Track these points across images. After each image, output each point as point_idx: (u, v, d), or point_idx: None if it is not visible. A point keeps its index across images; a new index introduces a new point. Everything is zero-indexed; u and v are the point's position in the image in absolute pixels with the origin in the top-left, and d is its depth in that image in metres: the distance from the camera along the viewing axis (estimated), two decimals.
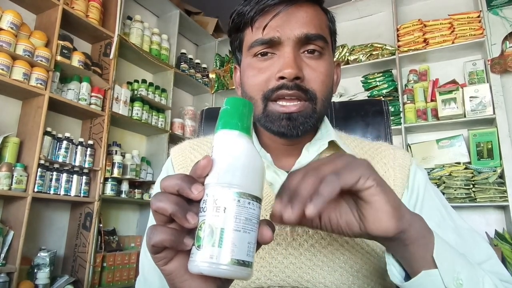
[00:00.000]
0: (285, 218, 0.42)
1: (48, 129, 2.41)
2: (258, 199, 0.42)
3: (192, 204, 0.42)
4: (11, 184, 2.13)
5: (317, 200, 0.42)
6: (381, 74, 3.18)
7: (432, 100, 2.93)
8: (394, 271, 0.54)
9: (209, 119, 1.17)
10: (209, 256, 0.39)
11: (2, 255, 2.06)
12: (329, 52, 0.74)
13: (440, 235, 0.67)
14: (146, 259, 0.77)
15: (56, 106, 2.50)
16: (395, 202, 0.46)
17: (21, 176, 2.17)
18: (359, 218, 0.47)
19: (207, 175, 0.42)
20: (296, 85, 0.68)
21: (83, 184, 2.57)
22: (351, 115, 1.08)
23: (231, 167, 0.41)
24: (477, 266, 0.53)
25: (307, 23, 0.70)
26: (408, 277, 0.53)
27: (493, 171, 2.56)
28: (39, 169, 2.27)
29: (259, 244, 0.42)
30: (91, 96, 2.66)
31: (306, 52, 0.71)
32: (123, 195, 2.92)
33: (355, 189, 0.44)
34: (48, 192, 2.36)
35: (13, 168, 2.17)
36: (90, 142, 2.68)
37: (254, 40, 0.71)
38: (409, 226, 0.47)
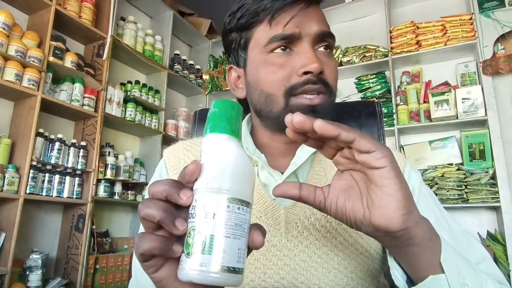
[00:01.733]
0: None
1: (41, 130, 2.39)
2: (248, 204, 0.41)
3: (181, 210, 0.41)
4: (3, 186, 2.11)
5: (323, 121, 0.42)
6: (374, 75, 3.19)
7: (424, 102, 2.94)
8: (397, 275, 0.53)
9: (202, 120, 1.16)
10: (199, 263, 0.38)
11: None
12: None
13: None
14: (138, 262, 0.77)
15: (49, 107, 2.48)
16: (407, 193, 0.44)
17: (13, 177, 2.15)
18: (366, 204, 0.45)
19: (196, 180, 0.41)
20: (320, 79, 0.69)
21: (76, 186, 2.55)
22: (344, 117, 1.08)
23: (220, 172, 0.41)
24: (479, 269, 0.53)
25: (322, 21, 0.73)
26: (409, 280, 0.52)
27: (485, 172, 2.58)
28: (31, 171, 2.25)
29: (249, 249, 0.42)
30: (84, 97, 2.65)
31: (320, 49, 0.73)
32: (116, 197, 2.91)
33: (368, 162, 0.43)
34: (40, 193, 2.34)
35: (5, 169, 2.15)
36: (83, 143, 2.67)
37: (273, 35, 0.70)
38: (415, 224, 0.45)
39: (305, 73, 0.68)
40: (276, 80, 0.71)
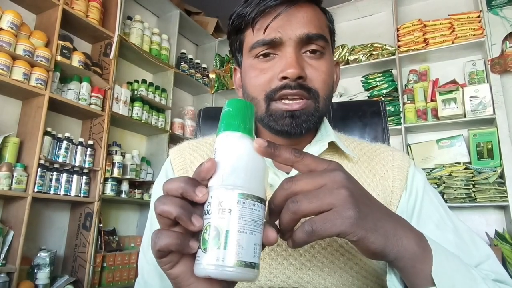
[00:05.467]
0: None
1: (48, 129, 2.41)
2: (262, 200, 0.42)
3: (196, 206, 0.41)
4: (11, 184, 2.13)
5: (293, 243, 0.43)
6: (381, 74, 3.18)
7: (432, 100, 2.93)
8: (395, 281, 0.52)
9: (207, 119, 1.16)
10: (215, 258, 0.38)
11: (2, 255, 2.06)
12: (329, 51, 0.75)
13: (440, 236, 0.67)
14: (145, 261, 0.77)
15: (56, 106, 2.50)
16: (378, 248, 0.44)
17: (21, 176, 2.17)
18: None
19: (211, 177, 0.42)
20: (298, 84, 0.68)
21: (83, 184, 2.57)
22: (349, 116, 1.08)
23: (235, 169, 0.41)
24: (480, 279, 0.50)
25: (308, 23, 0.70)
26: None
27: (493, 171, 2.56)
28: (39, 169, 2.27)
29: (263, 246, 0.42)
30: (91, 96, 2.66)
31: (307, 52, 0.71)
32: (123, 195, 2.92)
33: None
34: (48, 192, 2.36)
35: (13, 168, 2.17)
36: (90, 142, 2.68)
37: (256, 41, 0.71)
38: (393, 259, 0.46)
39: (284, 78, 0.68)
40: (258, 85, 0.71)
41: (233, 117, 0.44)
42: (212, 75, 3.96)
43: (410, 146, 2.97)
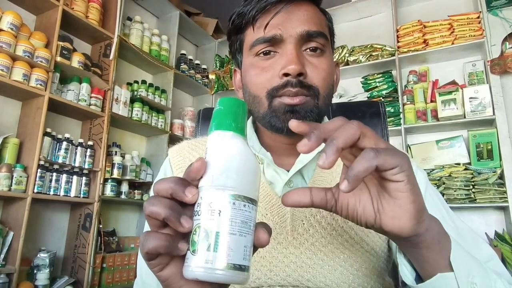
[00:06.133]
0: (321, 163, 0.40)
1: (48, 130, 2.41)
2: (253, 201, 0.41)
3: (186, 207, 0.41)
4: (11, 185, 2.13)
5: (352, 176, 0.39)
6: (380, 75, 3.18)
7: (432, 101, 2.93)
8: (406, 272, 0.54)
9: (206, 119, 1.17)
10: (204, 261, 0.38)
11: (2, 256, 2.06)
12: (329, 50, 0.75)
13: None
14: (143, 261, 0.77)
15: (56, 107, 2.50)
16: (420, 205, 0.44)
17: (20, 177, 2.17)
18: (377, 209, 0.44)
19: (201, 177, 0.41)
20: (299, 82, 0.68)
21: (83, 185, 2.57)
22: (348, 117, 1.07)
23: (225, 169, 0.40)
24: (489, 270, 0.53)
25: (308, 21, 0.70)
26: (418, 277, 0.53)
27: (493, 172, 2.56)
28: (39, 170, 2.27)
29: (255, 248, 0.42)
30: (91, 97, 2.66)
31: (308, 50, 0.71)
32: (122, 196, 2.93)
33: (386, 176, 0.41)
34: (47, 193, 2.36)
35: (13, 169, 2.17)
36: (90, 143, 2.68)
37: (256, 38, 0.71)
38: (425, 231, 0.46)
39: (285, 75, 0.68)
40: (260, 83, 0.71)
41: (225, 116, 0.43)
42: (212, 76, 3.96)
43: (409, 147, 2.97)
